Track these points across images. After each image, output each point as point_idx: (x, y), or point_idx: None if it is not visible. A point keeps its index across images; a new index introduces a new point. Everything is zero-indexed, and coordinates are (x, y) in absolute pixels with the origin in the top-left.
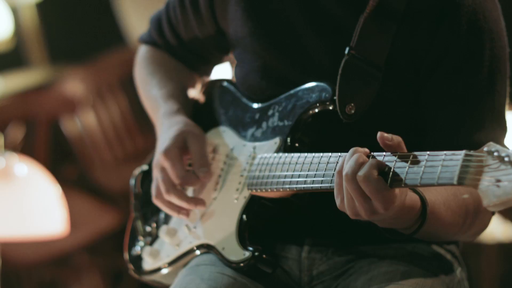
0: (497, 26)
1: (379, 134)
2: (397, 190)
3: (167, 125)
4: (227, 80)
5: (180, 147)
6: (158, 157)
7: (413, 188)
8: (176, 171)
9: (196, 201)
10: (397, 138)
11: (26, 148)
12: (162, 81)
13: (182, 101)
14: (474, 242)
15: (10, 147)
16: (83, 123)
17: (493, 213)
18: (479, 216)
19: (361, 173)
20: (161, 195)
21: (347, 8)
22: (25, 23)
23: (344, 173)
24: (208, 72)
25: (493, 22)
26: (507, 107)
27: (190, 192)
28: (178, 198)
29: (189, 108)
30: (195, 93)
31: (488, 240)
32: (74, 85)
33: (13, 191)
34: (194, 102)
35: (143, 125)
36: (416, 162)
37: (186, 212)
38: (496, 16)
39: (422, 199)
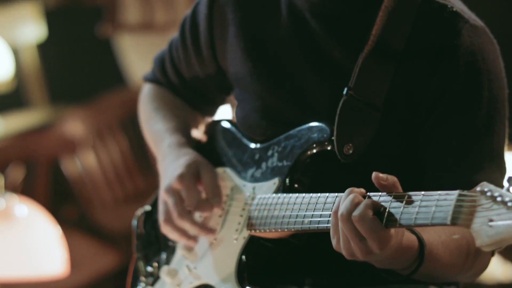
0: (496, 67)
1: (374, 174)
2: (392, 230)
3: (175, 154)
4: (228, 120)
5: (194, 175)
6: (172, 182)
7: (411, 228)
8: (192, 195)
9: (208, 229)
10: (392, 178)
11: (27, 189)
12: (167, 117)
13: (187, 137)
14: (474, 283)
15: (10, 188)
16: (83, 163)
17: (492, 254)
18: (479, 256)
19: (356, 213)
20: (171, 220)
21: (346, 48)
22: (26, 64)
23: (339, 213)
24: (211, 112)
25: (491, 63)
26: (506, 148)
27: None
28: (191, 224)
29: (193, 145)
30: (197, 133)
31: (488, 281)
32: (74, 125)
33: (13, 232)
34: (196, 142)
35: (143, 166)
36: (411, 202)
37: (194, 240)
38: (494, 57)
39: (420, 240)
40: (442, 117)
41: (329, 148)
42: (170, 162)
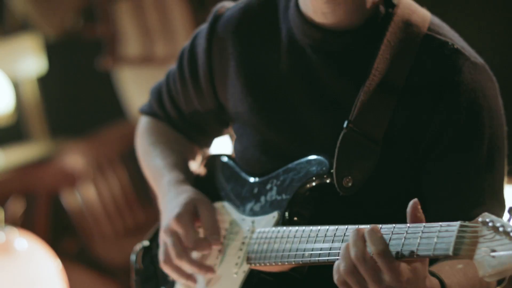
0: (496, 105)
1: (414, 202)
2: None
3: (174, 192)
4: (226, 155)
5: (192, 214)
6: (170, 222)
7: (433, 272)
8: (190, 235)
9: (207, 268)
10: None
11: (26, 222)
12: (164, 152)
13: (185, 172)
14: None
15: (10, 221)
16: (83, 197)
17: None
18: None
19: (379, 247)
20: (170, 260)
21: (347, 82)
22: (26, 97)
23: (353, 255)
24: (208, 144)
25: (492, 100)
26: (507, 181)
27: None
28: (189, 263)
29: (191, 180)
30: (195, 166)
31: None
32: (74, 159)
33: (13, 265)
34: (195, 176)
35: (143, 199)
36: (412, 233)
37: (194, 279)
38: (494, 95)
39: (442, 282)
40: (443, 153)
41: (328, 181)
42: (169, 200)
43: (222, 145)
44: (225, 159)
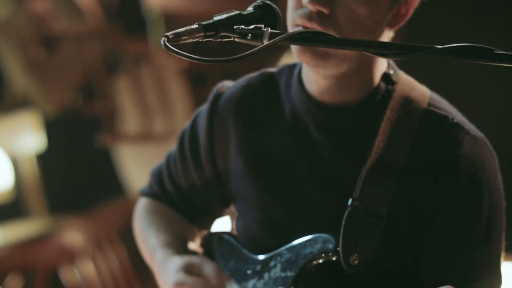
0: (495, 179)
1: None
2: None
3: (165, 267)
4: (226, 232)
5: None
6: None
7: None
8: (199, 283)
9: None
10: None
11: None
12: (159, 231)
13: (180, 250)
14: None
15: None
16: (82, 273)
17: None
18: None
19: None
20: None
21: (350, 160)
22: (25, 174)
23: None
24: (208, 225)
25: (491, 174)
26: (505, 258)
27: None
28: None
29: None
30: (194, 246)
31: None
32: (73, 235)
33: None
34: (193, 253)
35: (142, 276)
36: None
37: None
38: (494, 169)
39: None
40: (441, 225)
41: (334, 258)
42: (163, 273)
43: (222, 225)
44: (224, 236)
